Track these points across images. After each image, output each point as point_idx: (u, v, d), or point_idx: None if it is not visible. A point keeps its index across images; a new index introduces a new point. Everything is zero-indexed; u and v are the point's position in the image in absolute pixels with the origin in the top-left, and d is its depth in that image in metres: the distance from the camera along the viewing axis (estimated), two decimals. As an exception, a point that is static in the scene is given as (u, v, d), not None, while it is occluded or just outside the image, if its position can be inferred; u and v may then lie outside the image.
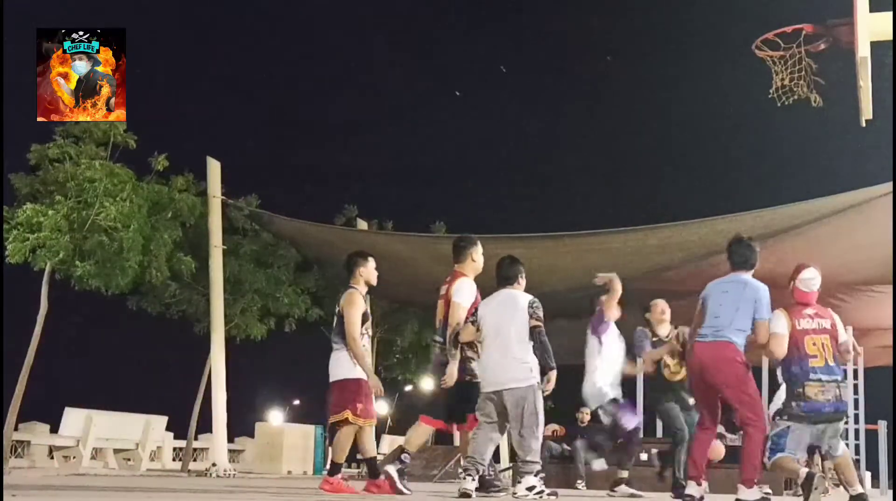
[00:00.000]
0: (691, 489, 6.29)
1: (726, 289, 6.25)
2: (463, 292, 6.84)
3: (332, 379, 6.69)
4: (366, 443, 6.79)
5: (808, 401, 5.95)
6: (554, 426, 11.91)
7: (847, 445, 10.26)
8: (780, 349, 6.04)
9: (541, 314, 6.48)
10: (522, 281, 6.75)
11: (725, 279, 6.37)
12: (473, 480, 6.37)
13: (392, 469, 6.64)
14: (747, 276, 6.29)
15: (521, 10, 39.55)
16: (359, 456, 8.05)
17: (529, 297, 6.57)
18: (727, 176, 32.00)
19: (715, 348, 6.12)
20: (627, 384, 9.23)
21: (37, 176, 13.24)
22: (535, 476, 6.38)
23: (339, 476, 6.68)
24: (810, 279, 6.16)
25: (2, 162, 10.64)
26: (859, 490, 6.14)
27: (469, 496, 6.24)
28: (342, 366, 6.63)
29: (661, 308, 8.31)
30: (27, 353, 13.17)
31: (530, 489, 6.32)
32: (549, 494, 6.39)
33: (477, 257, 7.08)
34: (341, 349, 6.65)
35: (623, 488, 8.52)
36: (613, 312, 7.99)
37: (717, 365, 6.12)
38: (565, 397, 8.99)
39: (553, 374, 6.42)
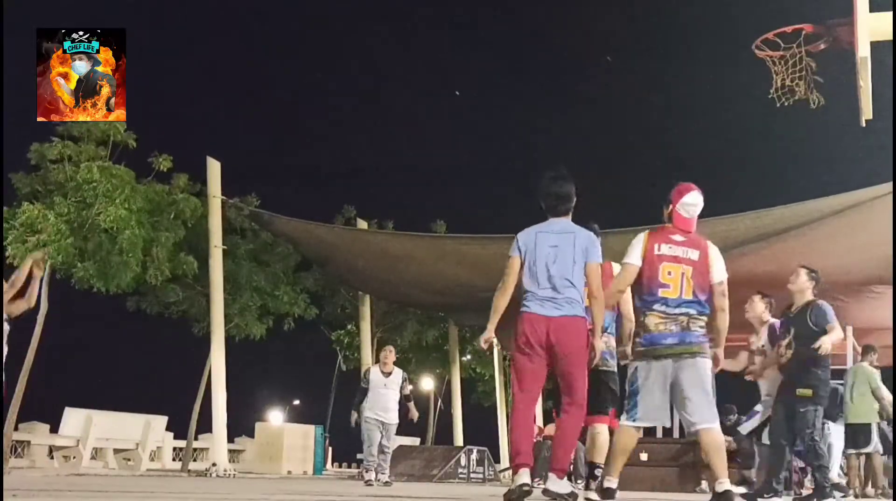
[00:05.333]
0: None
1: (555, 243, 5.33)
2: None
3: None
4: None
5: (648, 333, 5.23)
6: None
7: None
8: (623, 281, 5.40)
9: None
10: None
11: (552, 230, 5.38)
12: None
13: None
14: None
15: (521, 10, 39.58)
16: (358, 456, 8.03)
17: None
18: (727, 176, 32.03)
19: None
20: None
21: (37, 176, 13.23)
22: None
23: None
24: (692, 205, 5.45)
25: (2, 162, 10.62)
26: (726, 486, 5.09)
27: None
28: None
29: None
30: (27, 353, 13.17)
31: None
32: None
33: None
34: None
35: None
36: None
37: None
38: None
39: None
